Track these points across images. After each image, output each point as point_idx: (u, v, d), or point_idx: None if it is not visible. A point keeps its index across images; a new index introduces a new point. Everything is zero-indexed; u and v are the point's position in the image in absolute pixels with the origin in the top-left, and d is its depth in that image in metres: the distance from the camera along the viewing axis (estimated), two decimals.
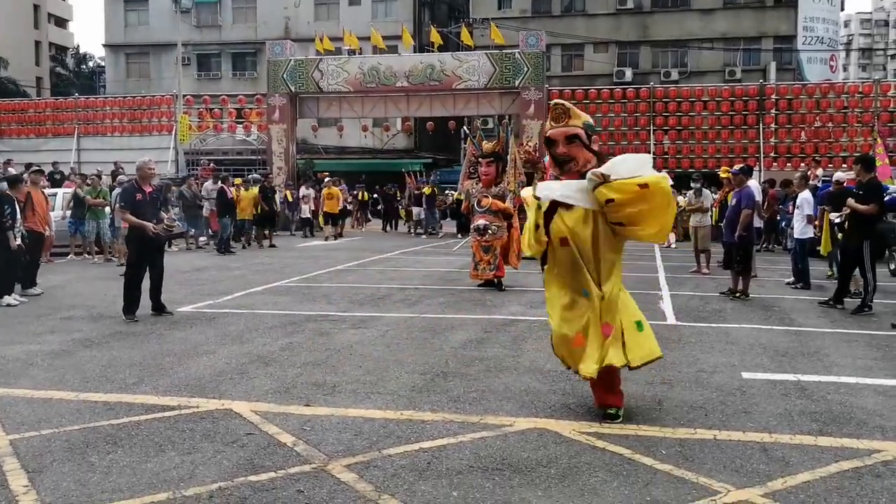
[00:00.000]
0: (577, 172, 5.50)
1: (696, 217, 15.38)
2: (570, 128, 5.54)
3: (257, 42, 43.84)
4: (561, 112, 5.59)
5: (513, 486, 4.33)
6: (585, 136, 5.56)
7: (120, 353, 7.75)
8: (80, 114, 32.23)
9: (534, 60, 27.71)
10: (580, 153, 5.54)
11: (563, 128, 5.56)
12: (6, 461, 4.67)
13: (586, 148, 5.57)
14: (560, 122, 5.58)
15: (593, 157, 5.59)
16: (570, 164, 5.55)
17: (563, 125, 5.57)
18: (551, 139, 5.61)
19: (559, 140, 5.55)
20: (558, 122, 5.59)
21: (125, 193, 10.10)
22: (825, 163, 25.83)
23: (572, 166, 5.54)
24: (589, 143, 5.59)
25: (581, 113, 5.68)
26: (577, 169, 5.52)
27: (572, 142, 5.53)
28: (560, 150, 5.57)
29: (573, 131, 5.54)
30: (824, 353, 7.91)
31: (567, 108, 5.60)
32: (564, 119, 5.58)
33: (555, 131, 5.59)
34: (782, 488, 4.33)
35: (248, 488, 4.27)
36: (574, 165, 5.54)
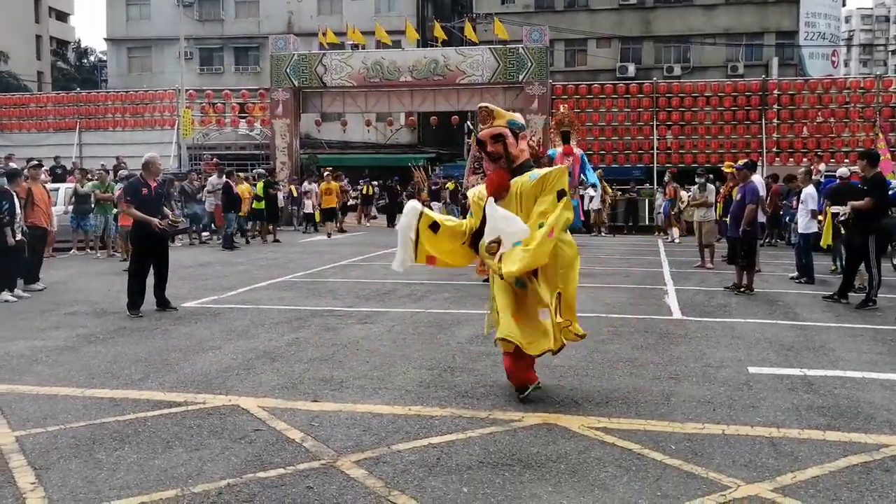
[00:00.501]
0: (507, 168, 6.01)
1: (700, 212, 15.35)
2: (495, 128, 6.05)
3: (260, 36, 43.76)
4: (486, 114, 6.13)
5: (523, 482, 4.32)
6: (511, 134, 6.04)
7: (125, 348, 7.74)
8: (82, 108, 32.19)
9: (537, 55, 27.68)
10: (504, 150, 6.02)
11: (488, 128, 6.08)
12: (12, 458, 4.66)
13: (512, 144, 6.03)
14: (486, 123, 6.10)
15: (523, 152, 6.11)
16: (500, 160, 6.05)
17: (488, 126, 6.08)
18: (481, 140, 6.15)
19: (487, 140, 6.07)
20: (484, 123, 6.11)
21: (131, 188, 10.07)
22: (827, 158, 25.79)
23: (502, 163, 6.04)
24: (516, 140, 6.07)
25: (505, 113, 6.21)
26: (507, 164, 6.02)
27: (498, 140, 6.03)
28: (490, 149, 6.07)
29: (498, 130, 6.04)
30: (830, 347, 7.90)
31: (491, 110, 6.14)
32: (490, 120, 6.09)
33: (482, 133, 6.12)
34: (792, 483, 4.32)
35: (257, 485, 4.26)
36: (503, 162, 6.03)
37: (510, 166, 6.01)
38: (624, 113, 28.39)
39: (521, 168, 6.03)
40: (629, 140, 28.31)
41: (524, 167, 6.05)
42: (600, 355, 7.44)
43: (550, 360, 7.12)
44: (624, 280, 13.24)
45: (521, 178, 5.95)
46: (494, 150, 6.04)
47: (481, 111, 6.16)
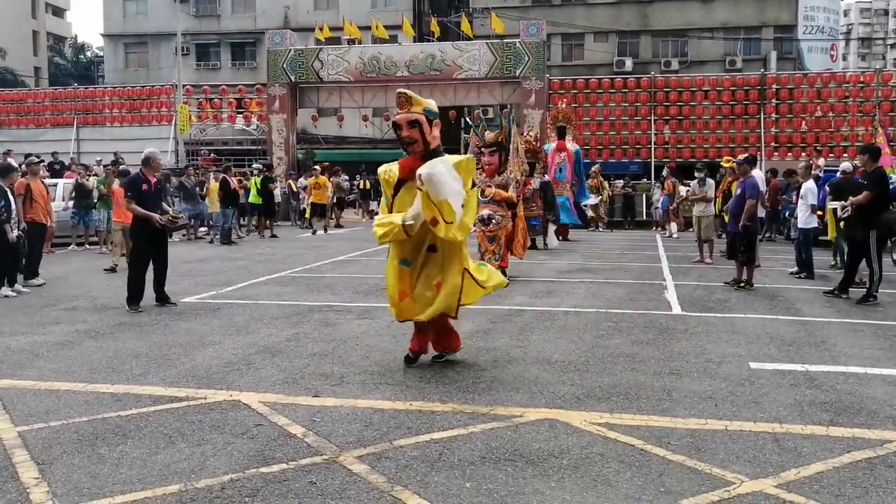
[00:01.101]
0: (420, 153, 6.38)
1: (699, 207, 15.34)
2: (412, 114, 6.40)
3: (256, 32, 43.69)
4: (404, 100, 6.44)
5: (525, 477, 4.32)
6: (426, 121, 6.41)
7: (125, 344, 7.72)
8: (79, 104, 32.14)
9: (534, 50, 27.65)
10: (421, 136, 6.40)
11: (405, 114, 6.41)
12: (15, 453, 4.65)
13: (427, 131, 6.42)
14: (403, 108, 6.42)
15: (435, 139, 6.51)
16: (413, 145, 6.44)
17: (405, 111, 6.41)
18: (396, 124, 6.49)
19: (403, 125, 6.42)
20: (402, 108, 6.43)
21: (132, 184, 10.04)
22: (826, 152, 25.83)
23: (415, 147, 6.43)
24: (430, 128, 6.44)
25: (422, 100, 6.53)
26: (420, 150, 6.40)
27: (413, 126, 6.39)
28: (404, 134, 6.42)
29: (414, 117, 6.39)
30: (831, 342, 7.90)
31: (409, 97, 6.44)
32: (407, 106, 6.42)
33: (399, 117, 6.46)
34: (796, 479, 4.31)
35: (259, 480, 4.25)
36: (416, 147, 6.42)
37: (424, 152, 6.38)
38: (621, 107, 28.40)
39: (432, 154, 6.39)
40: (626, 135, 28.31)
41: (435, 154, 6.41)
42: (601, 350, 7.43)
43: (551, 355, 7.15)
44: (623, 275, 13.24)
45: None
46: (409, 135, 6.40)
47: (399, 97, 6.45)
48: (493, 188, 12.23)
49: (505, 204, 12.29)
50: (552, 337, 8.07)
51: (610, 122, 28.42)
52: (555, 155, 21.64)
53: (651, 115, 28.12)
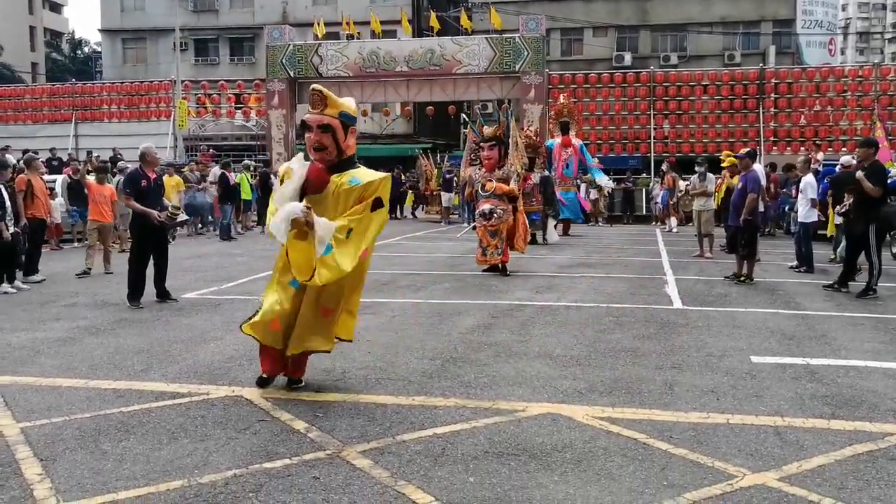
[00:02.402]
0: (330, 162, 5.63)
1: (699, 201, 15.36)
2: (324, 117, 5.60)
3: (255, 27, 43.58)
4: (317, 99, 5.62)
5: (529, 472, 4.32)
6: (340, 127, 5.63)
7: (127, 340, 7.72)
8: (77, 100, 32.05)
9: (534, 45, 27.60)
10: (333, 142, 5.62)
11: (317, 115, 5.62)
12: (18, 449, 4.65)
13: (341, 138, 5.65)
14: (316, 108, 5.63)
15: (349, 147, 5.71)
16: (322, 152, 5.63)
17: (318, 112, 5.62)
18: (306, 123, 5.68)
19: (313, 126, 5.61)
20: (314, 108, 5.64)
21: (130, 180, 10.03)
22: (825, 147, 25.81)
23: (325, 155, 5.63)
24: (345, 134, 5.66)
25: (341, 102, 5.70)
26: (331, 159, 5.63)
27: (325, 131, 5.59)
28: (314, 138, 5.62)
29: (326, 121, 5.59)
30: (831, 336, 7.91)
31: (324, 96, 5.62)
32: (320, 106, 5.62)
33: (310, 117, 5.65)
34: (798, 472, 4.32)
35: (263, 475, 4.25)
36: (327, 155, 5.63)
37: (335, 161, 5.66)
38: (620, 102, 28.35)
39: (346, 163, 5.71)
40: (626, 130, 28.28)
41: (349, 164, 5.73)
42: (602, 345, 7.44)
43: (553, 350, 7.15)
44: (623, 270, 13.24)
45: (343, 176, 5.64)
46: (318, 141, 5.60)
47: (313, 94, 5.65)
48: (493, 182, 12.24)
49: (506, 198, 12.30)
50: (553, 331, 8.08)
51: (609, 116, 28.38)
52: (560, 151, 21.66)
53: (650, 110, 28.09)
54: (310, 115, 5.67)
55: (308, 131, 5.66)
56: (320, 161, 5.66)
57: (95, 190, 13.14)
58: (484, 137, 12.53)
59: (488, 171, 12.39)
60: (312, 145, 5.65)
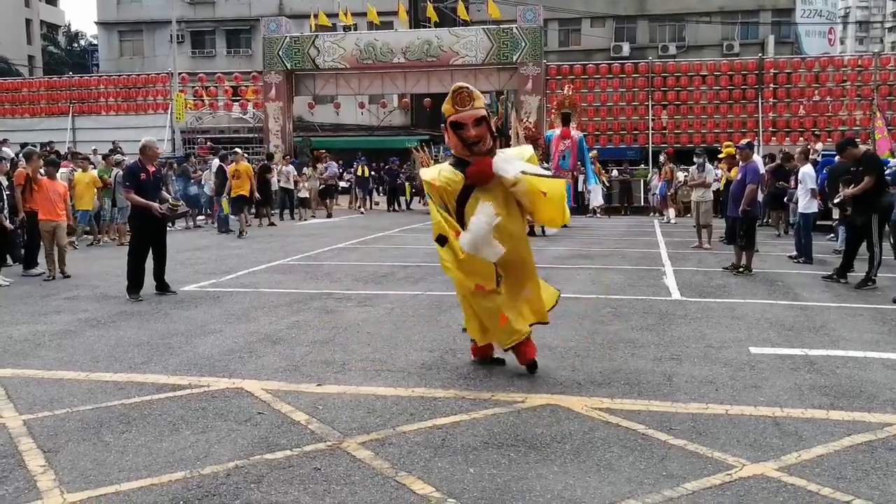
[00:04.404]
0: (487, 150, 5.86)
1: (698, 192, 15.36)
2: (477, 110, 5.81)
3: (251, 19, 43.52)
4: (466, 96, 5.83)
5: (528, 463, 4.34)
6: (489, 116, 6.00)
7: (127, 332, 7.74)
8: (74, 93, 32.04)
9: (531, 35, 27.57)
10: (486, 132, 5.88)
11: (471, 111, 5.81)
12: (21, 441, 4.67)
13: (492, 127, 5.99)
14: (466, 105, 5.82)
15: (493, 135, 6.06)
16: (479, 145, 5.83)
17: (469, 108, 5.81)
18: (460, 123, 5.81)
19: (468, 123, 5.78)
20: (464, 105, 5.82)
21: (130, 174, 10.03)
22: (824, 137, 25.80)
23: (481, 147, 5.84)
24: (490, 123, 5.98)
25: (479, 94, 5.97)
26: (490, 146, 5.89)
27: (480, 124, 5.81)
28: (470, 133, 5.78)
29: (481, 113, 5.83)
30: (830, 327, 7.93)
31: (471, 92, 5.85)
32: (469, 102, 5.82)
33: (463, 115, 5.81)
34: (797, 462, 4.34)
35: (264, 466, 4.27)
36: (483, 146, 5.85)
37: (492, 146, 5.95)
38: (619, 93, 28.35)
39: (491, 150, 5.95)
40: (624, 120, 28.29)
41: (493, 150, 5.97)
42: (601, 336, 7.46)
43: (551, 341, 7.17)
44: (621, 261, 13.26)
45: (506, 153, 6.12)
46: (477, 135, 5.79)
47: (461, 92, 5.83)
48: None
49: None
50: (552, 323, 8.04)
51: (607, 107, 28.38)
52: (559, 142, 21.63)
53: (649, 101, 28.09)
54: (461, 112, 5.81)
55: (461, 129, 5.80)
56: (479, 154, 5.84)
57: (48, 186, 11.86)
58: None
59: None
60: (472, 140, 5.80)
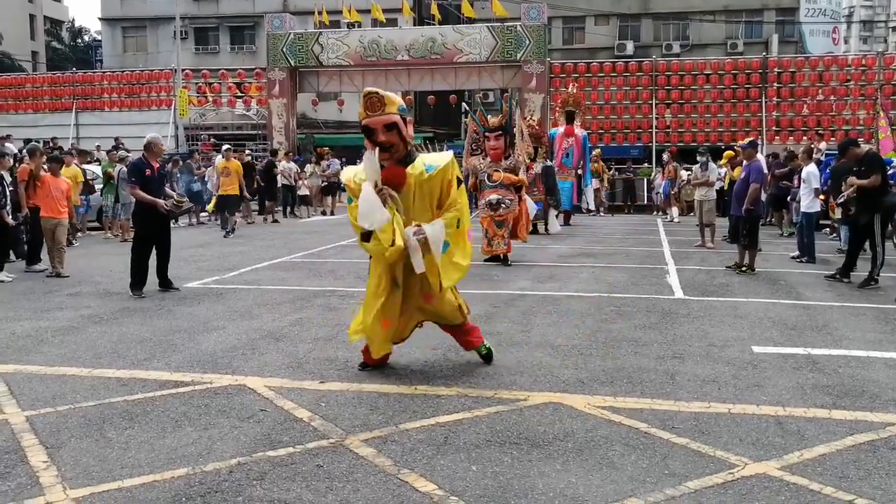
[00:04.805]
0: (400, 157, 5.81)
1: (701, 191, 15.35)
2: (388, 116, 5.73)
3: (255, 15, 43.46)
4: (376, 101, 5.73)
5: (531, 460, 4.35)
6: (402, 121, 5.80)
7: (130, 329, 7.75)
8: (78, 88, 32.06)
9: (535, 33, 27.54)
10: (398, 139, 5.78)
11: (381, 116, 5.73)
12: (24, 437, 4.68)
13: (404, 132, 5.83)
14: (376, 111, 5.73)
15: (411, 138, 5.95)
16: (391, 149, 5.78)
17: (379, 114, 5.73)
18: (370, 128, 5.76)
19: (378, 129, 5.73)
20: (374, 111, 5.73)
21: (135, 170, 10.04)
22: (827, 136, 25.76)
23: (393, 152, 5.78)
24: (406, 126, 5.84)
25: (395, 98, 5.86)
26: (401, 154, 5.82)
27: (391, 129, 5.74)
28: (382, 139, 5.73)
29: (391, 119, 5.74)
30: (833, 326, 7.93)
31: (382, 97, 5.74)
32: (380, 108, 5.72)
33: (372, 120, 5.75)
34: (799, 461, 4.34)
35: (267, 463, 4.28)
36: (396, 151, 5.79)
37: (405, 154, 5.86)
38: (622, 91, 28.33)
39: (410, 155, 5.91)
40: (628, 119, 28.27)
41: (412, 155, 5.93)
42: (604, 335, 7.46)
43: (554, 339, 7.17)
44: (625, 260, 13.25)
45: (415, 167, 5.83)
46: (387, 140, 5.75)
47: (371, 97, 5.77)
48: (500, 172, 12.22)
49: (513, 187, 12.31)
50: (555, 321, 8.10)
51: (611, 106, 28.36)
52: (562, 140, 21.62)
53: (652, 99, 28.06)
54: (371, 117, 5.75)
55: (372, 135, 5.76)
56: (390, 159, 5.79)
57: (50, 183, 11.74)
58: (490, 127, 12.49)
59: (495, 160, 12.37)
60: (383, 146, 5.74)
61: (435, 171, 5.79)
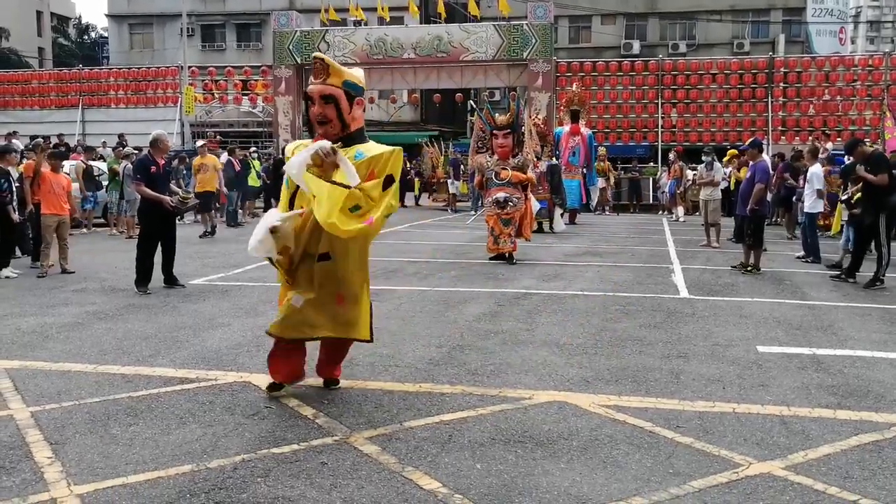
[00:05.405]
0: (335, 136, 5.15)
1: (706, 191, 15.33)
2: (328, 86, 5.12)
3: (262, 13, 43.53)
4: (320, 68, 5.16)
5: (535, 459, 4.34)
6: (345, 98, 5.16)
7: (135, 325, 7.76)
8: (84, 85, 32.07)
9: (542, 32, 27.48)
10: (337, 114, 5.14)
11: (319, 85, 5.14)
12: (29, 433, 4.68)
13: (345, 109, 5.16)
14: (318, 78, 5.15)
15: (356, 120, 5.27)
16: (325, 126, 5.16)
17: (320, 82, 5.14)
18: (308, 95, 5.22)
19: (315, 97, 5.14)
20: (316, 78, 5.17)
21: (140, 167, 10.05)
22: (834, 136, 25.68)
23: (329, 129, 5.15)
24: (350, 106, 5.19)
25: (345, 71, 5.24)
26: (335, 132, 5.15)
27: (328, 101, 5.12)
28: (315, 110, 5.16)
29: (329, 90, 5.11)
30: (838, 326, 7.91)
31: (327, 65, 5.15)
32: (322, 76, 5.14)
33: (312, 88, 5.18)
34: (803, 461, 4.33)
35: (271, 460, 4.28)
36: (331, 128, 5.15)
37: (340, 135, 5.17)
38: (629, 91, 28.26)
39: (350, 139, 5.21)
40: (634, 118, 28.21)
41: (354, 138, 5.24)
42: (608, 334, 7.45)
43: (559, 338, 7.16)
44: (630, 259, 13.24)
45: (348, 151, 5.12)
46: (321, 113, 5.13)
47: (315, 63, 5.19)
48: (509, 171, 12.22)
49: (520, 185, 12.31)
50: (560, 320, 8.09)
51: (617, 105, 28.30)
52: (568, 139, 21.62)
53: (658, 99, 28.00)
54: (312, 85, 5.19)
55: (311, 104, 5.20)
56: (324, 136, 5.16)
57: (51, 179, 11.55)
58: (498, 125, 12.49)
59: (502, 158, 12.37)
60: (316, 118, 5.18)
61: (362, 159, 5.09)
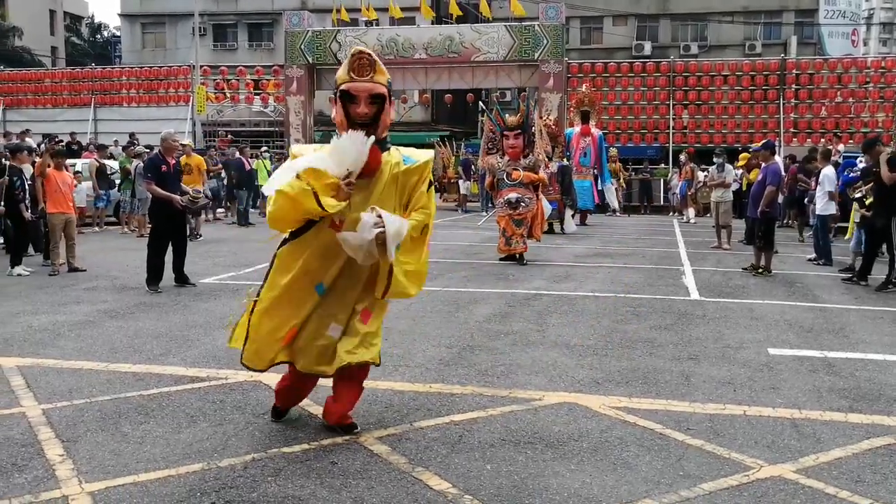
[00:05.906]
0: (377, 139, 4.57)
1: (717, 192, 15.28)
2: (377, 84, 4.58)
3: (274, 13, 43.59)
4: (367, 63, 4.58)
5: (545, 460, 4.34)
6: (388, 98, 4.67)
7: (146, 324, 7.79)
8: (97, 84, 32.18)
9: (553, 33, 27.43)
10: (382, 117, 4.63)
11: (368, 83, 4.57)
12: (41, 430, 4.71)
13: (387, 111, 4.66)
14: (364, 75, 4.57)
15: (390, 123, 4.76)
16: (370, 127, 4.56)
17: (367, 80, 4.57)
18: (351, 94, 4.57)
19: (361, 97, 4.56)
20: (362, 75, 4.57)
21: (151, 166, 10.10)
22: (846, 138, 25.55)
23: (371, 131, 4.54)
24: (390, 107, 4.71)
25: (384, 68, 4.70)
26: (377, 135, 4.57)
27: (375, 102, 4.58)
28: (361, 109, 4.56)
29: (379, 90, 4.59)
30: (850, 329, 7.88)
31: (374, 61, 4.60)
32: (369, 72, 4.58)
33: (358, 85, 4.56)
34: (815, 464, 4.32)
35: (282, 459, 4.29)
36: (373, 130, 4.56)
37: (380, 137, 4.62)
38: (640, 92, 28.18)
39: (384, 142, 4.70)
40: (645, 119, 28.13)
41: (385, 140, 4.73)
42: (619, 335, 7.44)
43: (569, 339, 7.15)
44: (641, 260, 13.21)
45: (391, 155, 4.69)
46: (367, 112, 4.55)
47: (362, 57, 4.58)
48: (520, 171, 12.22)
49: (531, 186, 12.31)
50: (570, 321, 8.08)
51: (628, 106, 28.23)
52: (579, 140, 21.60)
53: (670, 100, 27.91)
54: (356, 81, 4.57)
55: (351, 102, 4.58)
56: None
57: (56, 178, 11.52)
58: (509, 126, 12.49)
59: (513, 159, 12.36)
60: (361, 119, 4.56)
61: (414, 164, 4.70)
